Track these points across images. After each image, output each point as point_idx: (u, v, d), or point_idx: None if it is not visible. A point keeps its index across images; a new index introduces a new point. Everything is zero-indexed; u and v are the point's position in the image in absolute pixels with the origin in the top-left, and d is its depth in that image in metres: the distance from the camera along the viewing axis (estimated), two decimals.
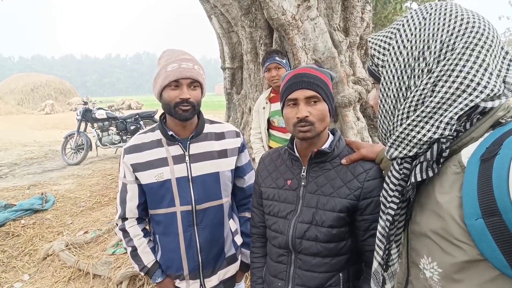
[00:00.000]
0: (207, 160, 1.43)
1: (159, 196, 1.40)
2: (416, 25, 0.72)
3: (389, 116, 0.77)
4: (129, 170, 1.41)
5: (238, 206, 1.65)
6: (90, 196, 4.97)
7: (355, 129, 3.40)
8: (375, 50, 0.79)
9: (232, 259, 1.54)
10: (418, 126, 0.69)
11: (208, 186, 1.43)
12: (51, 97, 25.59)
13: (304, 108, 1.08)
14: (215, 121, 1.56)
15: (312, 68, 1.12)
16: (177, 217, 1.40)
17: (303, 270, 1.15)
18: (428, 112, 0.68)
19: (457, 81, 0.65)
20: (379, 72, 0.79)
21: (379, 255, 0.84)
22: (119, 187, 1.48)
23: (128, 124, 7.82)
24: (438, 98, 0.67)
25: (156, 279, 1.47)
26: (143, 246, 1.46)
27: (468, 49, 0.65)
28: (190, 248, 1.43)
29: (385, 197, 0.80)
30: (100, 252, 3.29)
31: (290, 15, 3.13)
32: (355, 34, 3.67)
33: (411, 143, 0.71)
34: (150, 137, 1.44)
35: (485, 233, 0.58)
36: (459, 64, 0.65)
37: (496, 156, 0.58)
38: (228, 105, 4.50)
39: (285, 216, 1.18)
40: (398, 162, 0.76)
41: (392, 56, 0.74)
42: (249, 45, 3.69)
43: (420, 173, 0.70)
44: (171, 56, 1.35)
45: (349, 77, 3.51)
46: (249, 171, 1.59)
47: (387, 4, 7.93)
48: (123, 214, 1.46)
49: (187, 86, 1.32)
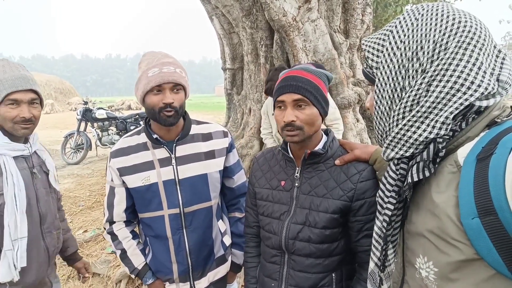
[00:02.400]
0: (194, 162, 1.41)
1: (147, 199, 1.38)
2: (409, 26, 0.72)
3: (385, 117, 0.78)
4: (116, 174, 1.39)
5: (227, 206, 1.62)
6: (89, 196, 4.97)
7: (355, 130, 3.41)
8: (368, 52, 0.79)
9: (221, 260, 1.53)
10: (414, 126, 0.70)
11: (196, 188, 1.41)
12: (51, 96, 25.57)
13: (290, 112, 1.07)
14: (202, 121, 1.53)
15: (305, 70, 1.10)
16: (165, 221, 1.38)
17: (296, 271, 1.15)
18: (423, 112, 0.69)
19: (451, 80, 0.65)
20: (373, 74, 0.79)
21: (376, 256, 0.84)
22: (106, 191, 1.46)
23: (128, 124, 7.82)
24: (433, 97, 0.67)
25: (147, 281, 1.45)
26: (132, 248, 1.45)
27: (461, 48, 0.65)
28: (179, 251, 1.41)
29: (381, 197, 0.81)
30: (99, 251, 3.29)
31: (291, 16, 3.14)
32: (355, 36, 3.69)
33: (407, 143, 0.72)
34: (136, 140, 1.42)
35: (481, 232, 0.58)
36: (452, 63, 0.65)
37: (492, 155, 0.59)
38: (228, 106, 4.50)
39: (279, 217, 1.18)
40: (394, 162, 0.77)
41: (386, 58, 0.75)
42: (250, 46, 3.71)
43: (417, 173, 0.70)
44: (151, 60, 1.32)
45: (349, 78, 3.52)
46: (238, 171, 1.56)
47: (388, 7, 7.95)
48: (110, 218, 1.45)
49: (169, 90, 1.28)
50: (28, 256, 1.39)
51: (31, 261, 1.41)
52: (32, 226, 1.42)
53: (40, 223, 1.47)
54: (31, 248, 1.41)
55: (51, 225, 1.53)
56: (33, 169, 1.47)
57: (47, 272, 1.54)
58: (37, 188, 1.46)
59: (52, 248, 1.53)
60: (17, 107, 1.37)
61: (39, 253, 1.46)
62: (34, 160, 1.49)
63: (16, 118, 1.37)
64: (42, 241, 1.48)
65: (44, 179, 1.52)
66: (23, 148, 1.42)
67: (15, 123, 1.37)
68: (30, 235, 1.40)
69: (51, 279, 1.59)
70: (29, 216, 1.39)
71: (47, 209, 1.51)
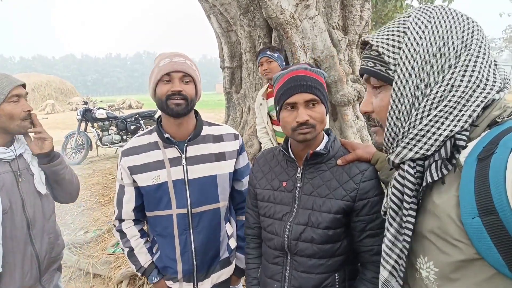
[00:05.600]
0: (204, 162, 1.42)
1: (156, 198, 1.40)
2: (426, 23, 0.71)
3: (404, 117, 0.73)
4: (127, 173, 1.41)
5: (236, 209, 1.63)
6: (90, 196, 4.98)
7: (355, 127, 3.40)
8: (383, 48, 0.75)
9: (225, 263, 1.53)
10: (439, 122, 0.69)
11: (205, 189, 1.42)
12: (51, 97, 25.64)
13: (304, 112, 1.06)
14: (214, 123, 1.55)
15: (308, 70, 1.10)
16: (173, 220, 1.40)
17: (299, 272, 1.14)
18: (450, 107, 0.68)
19: (473, 75, 0.67)
20: (388, 72, 0.75)
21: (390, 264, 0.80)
22: (116, 189, 1.49)
23: (128, 123, 7.83)
24: (460, 92, 0.68)
25: (152, 279, 1.47)
26: (139, 247, 1.47)
27: (477, 46, 0.68)
28: (185, 251, 1.42)
29: (397, 205, 0.76)
30: (100, 252, 3.29)
31: (289, 14, 3.12)
32: (354, 33, 3.67)
33: (430, 140, 0.70)
34: (147, 140, 1.44)
35: (482, 232, 0.58)
36: (471, 60, 0.68)
37: (493, 155, 0.59)
38: (227, 104, 4.49)
39: (281, 218, 1.17)
40: (411, 165, 0.73)
41: (406, 53, 0.71)
42: (248, 44, 3.69)
43: (436, 171, 0.68)
44: (164, 54, 1.38)
45: (348, 75, 3.50)
46: (247, 173, 1.57)
47: (388, 2, 7.91)
48: (119, 215, 1.47)
49: (179, 80, 1.31)
50: (10, 263, 1.36)
51: (13, 268, 1.38)
52: (16, 231, 1.38)
53: (28, 227, 1.43)
54: (14, 254, 1.37)
55: (42, 229, 1.49)
56: (18, 173, 1.43)
57: (41, 280, 1.50)
58: (22, 191, 1.43)
59: (44, 253, 1.49)
60: (18, 103, 1.40)
61: (24, 259, 1.42)
62: (20, 163, 1.46)
63: (22, 114, 1.40)
64: (31, 247, 1.44)
65: (32, 182, 1.48)
66: (4, 152, 1.40)
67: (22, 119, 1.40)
68: (13, 241, 1.37)
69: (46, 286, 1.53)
70: (10, 221, 1.36)
71: (36, 213, 1.47)
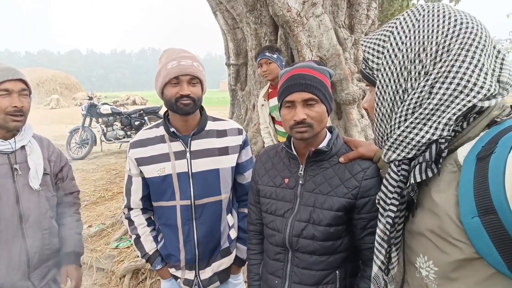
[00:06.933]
0: (208, 156, 1.46)
1: (161, 189, 1.46)
2: (410, 27, 0.71)
3: (386, 119, 0.77)
4: (134, 164, 1.47)
5: (238, 201, 1.68)
6: (94, 191, 5.02)
7: (359, 126, 3.39)
8: (368, 53, 0.78)
9: (226, 252, 1.57)
10: (416, 128, 0.69)
11: (208, 182, 1.47)
12: (56, 92, 25.78)
13: (301, 110, 1.07)
14: (218, 118, 1.59)
15: (310, 68, 1.10)
16: (176, 211, 1.45)
17: (300, 268, 1.15)
18: (426, 114, 0.68)
19: (454, 82, 0.65)
20: (373, 76, 0.78)
21: (379, 259, 0.83)
22: (125, 179, 1.56)
23: (132, 119, 7.87)
24: (436, 99, 0.67)
25: (156, 266, 1.54)
26: (145, 235, 1.54)
27: (464, 49, 0.65)
28: (188, 241, 1.47)
29: (383, 200, 0.80)
30: (103, 246, 3.33)
31: (295, 12, 3.12)
32: (360, 32, 3.65)
33: (409, 145, 0.71)
34: (154, 133, 1.49)
35: (481, 231, 0.58)
36: (455, 65, 0.65)
37: (492, 154, 0.59)
38: (232, 102, 4.49)
39: (283, 215, 1.18)
40: (396, 164, 0.76)
41: (387, 59, 0.73)
42: (254, 41, 3.69)
43: (419, 173, 0.70)
44: (171, 54, 1.40)
45: (354, 74, 3.49)
46: (249, 168, 1.60)
47: (394, 1, 7.86)
48: (128, 204, 1.55)
49: (187, 83, 1.35)
50: None
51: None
52: (5, 225, 1.35)
53: (21, 222, 1.40)
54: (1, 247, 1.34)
55: (36, 225, 1.44)
56: (15, 165, 1.39)
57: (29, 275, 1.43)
58: (18, 185, 1.40)
59: (35, 249, 1.43)
60: (8, 97, 1.35)
61: (12, 254, 1.38)
62: (19, 156, 1.42)
63: (8, 109, 1.34)
64: (21, 241, 1.40)
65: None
66: (1, 144, 1.38)
67: (6, 114, 1.34)
68: (1, 234, 1.34)
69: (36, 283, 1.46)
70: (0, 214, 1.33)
71: (32, 208, 1.43)
